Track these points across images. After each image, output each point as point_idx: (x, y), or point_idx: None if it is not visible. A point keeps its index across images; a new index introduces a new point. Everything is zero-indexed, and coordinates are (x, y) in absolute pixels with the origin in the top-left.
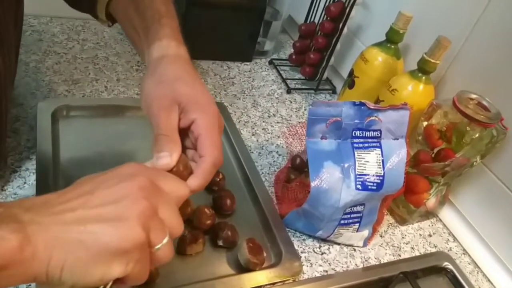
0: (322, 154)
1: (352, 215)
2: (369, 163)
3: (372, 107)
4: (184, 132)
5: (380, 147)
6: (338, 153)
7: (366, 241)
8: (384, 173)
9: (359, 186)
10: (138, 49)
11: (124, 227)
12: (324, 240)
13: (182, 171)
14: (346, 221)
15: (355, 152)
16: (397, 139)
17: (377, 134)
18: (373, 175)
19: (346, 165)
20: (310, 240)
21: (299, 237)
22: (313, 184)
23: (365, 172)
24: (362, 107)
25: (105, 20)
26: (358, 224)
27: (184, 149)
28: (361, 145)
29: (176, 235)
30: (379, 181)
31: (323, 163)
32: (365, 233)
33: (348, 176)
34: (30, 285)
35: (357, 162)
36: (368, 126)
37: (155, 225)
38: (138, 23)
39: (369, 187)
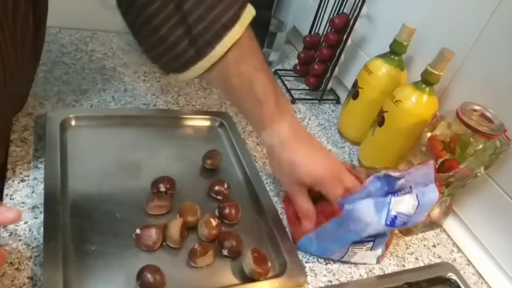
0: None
1: (368, 238)
2: (403, 202)
3: (397, 175)
4: None
5: (414, 193)
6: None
7: (379, 259)
8: (414, 213)
9: (388, 223)
10: None
11: None
12: None
13: None
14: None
15: (391, 199)
16: (427, 185)
17: (409, 190)
18: (405, 215)
19: (380, 202)
20: None
21: None
22: (347, 206)
23: (398, 210)
24: (387, 178)
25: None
26: (372, 243)
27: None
28: (396, 195)
29: None
30: (407, 220)
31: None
32: (379, 251)
33: (381, 211)
34: (33, 281)
35: (392, 202)
36: (399, 188)
37: None
38: (238, 104)
39: (397, 224)
